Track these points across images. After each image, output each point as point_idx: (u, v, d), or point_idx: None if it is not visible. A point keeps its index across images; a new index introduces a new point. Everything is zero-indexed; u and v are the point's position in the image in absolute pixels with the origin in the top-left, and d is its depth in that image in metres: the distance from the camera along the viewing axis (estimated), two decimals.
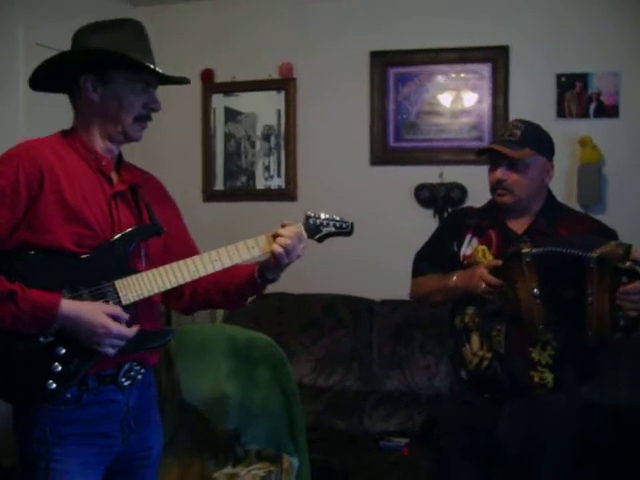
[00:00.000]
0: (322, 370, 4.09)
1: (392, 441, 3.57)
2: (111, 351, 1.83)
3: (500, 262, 2.24)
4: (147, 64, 1.90)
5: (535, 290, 2.16)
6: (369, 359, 4.09)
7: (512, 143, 2.35)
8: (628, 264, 2.04)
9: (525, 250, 2.16)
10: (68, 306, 1.77)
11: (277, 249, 1.94)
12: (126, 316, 1.85)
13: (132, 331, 1.85)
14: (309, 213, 2.05)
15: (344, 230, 2.08)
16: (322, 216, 2.05)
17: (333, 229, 2.06)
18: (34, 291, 1.76)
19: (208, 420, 3.02)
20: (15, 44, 3.69)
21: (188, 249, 2.09)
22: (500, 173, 2.36)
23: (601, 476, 3.10)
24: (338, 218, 2.07)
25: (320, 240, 2.06)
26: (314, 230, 2.04)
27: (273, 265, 1.99)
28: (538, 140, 2.39)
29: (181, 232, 2.16)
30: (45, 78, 1.97)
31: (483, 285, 2.25)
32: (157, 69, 1.92)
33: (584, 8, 4.04)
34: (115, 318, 1.82)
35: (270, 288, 4.16)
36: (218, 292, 2.09)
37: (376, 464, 3.38)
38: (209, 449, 3.00)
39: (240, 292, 2.09)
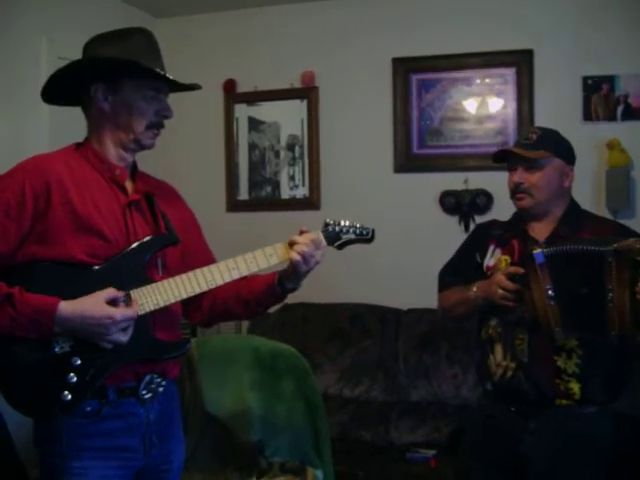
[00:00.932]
0: (348, 380, 4.06)
1: (419, 452, 3.53)
2: (122, 337, 1.80)
3: (514, 268, 2.22)
4: (157, 70, 1.89)
5: (550, 292, 2.12)
6: (395, 369, 4.05)
7: (527, 145, 2.36)
8: None
9: (536, 251, 2.13)
10: (67, 307, 1.75)
11: (294, 256, 1.91)
12: (121, 294, 1.81)
13: (134, 309, 1.81)
14: (328, 220, 2.02)
15: (365, 237, 2.04)
16: (342, 223, 2.02)
17: (353, 236, 2.02)
18: (33, 294, 1.75)
19: (231, 432, 3.00)
20: (38, 57, 3.71)
21: (206, 258, 2.06)
22: (517, 176, 2.36)
23: None
24: (358, 225, 2.03)
25: (340, 247, 2.02)
26: (334, 237, 2.00)
27: (292, 273, 1.96)
28: (554, 143, 2.38)
29: (199, 241, 2.14)
30: (57, 90, 1.97)
31: (500, 292, 2.22)
32: (167, 75, 1.91)
33: (608, 10, 3.98)
34: (113, 302, 1.80)
35: (295, 298, 4.16)
36: (237, 303, 2.06)
37: (402, 476, 3.35)
38: (232, 461, 2.98)
39: (260, 302, 2.05)
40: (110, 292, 1.80)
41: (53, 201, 1.81)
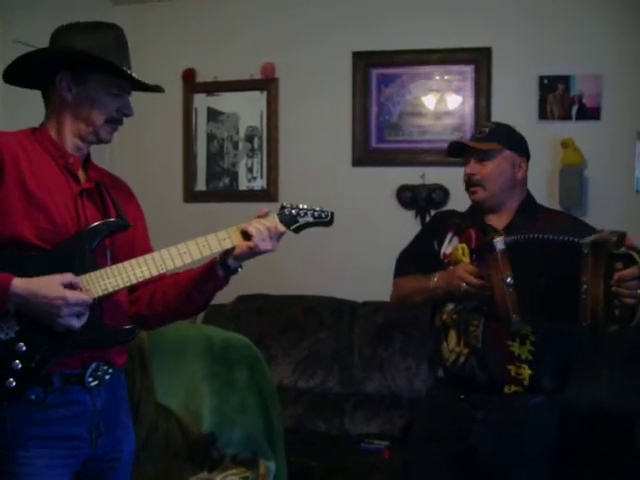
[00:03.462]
0: (303, 372, 4.07)
1: (373, 443, 3.57)
2: (75, 323, 1.77)
3: (476, 270, 2.23)
4: (127, 71, 1.89)
5: (509, 279, 2.14)
6: (350, 361, 4.07)
7: (480, 138, 2.42)
8: (622, 249, 2.01)
9: (497, 239, 2.16)
10: (21, 283, 1.72)
11: (251, 230, 1.88)
12: (80, 283, 1.79)
13: (90, 296, 1.79)
14: (285, 204, 1.99)
15: (323, 220, 2.01)
16: (300, 206, 1.99)
17: (311, 219, 1.99)
18: None
19: (183, 423, 2.98)
20: None
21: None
22: (469, 168, 2.41)
23: (576, 479, 3.09)
24: (317, 208, 2.01)
25: (297, 230, 1.99)
26: (290, 220, 1.97)
27: (241, 253, 1.92)
28: (506, 136, 2.43)
29: (145, 240, 2.10)
30: (20, 73, 1.94)
31: (464, 285, 2.25)
32: (135, 76, 1.91)
33: (567, 10, 4.05)
34: (71, 286, 1.77)
35: (250, 289, 4.20)
36: (176, 292, 2.01)
37: (356, 466, 3.37)
38: (184, 453, 2.96)
39: (200, 288, 1.99)
40: (67, 276, 1.77)
41: (6, 178, 1.79)
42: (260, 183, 4.56)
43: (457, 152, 2.49)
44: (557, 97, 4.06)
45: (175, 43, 4.59)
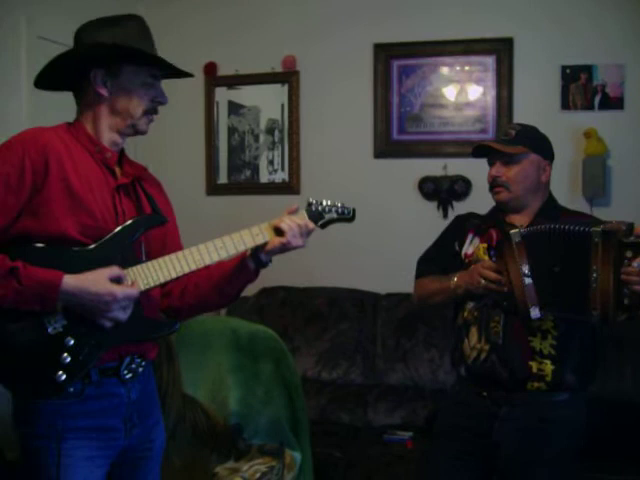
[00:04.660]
0: (326, 363, 4.09)
1: (396, 434, 3.57)
2: (122, 315, 1.81)
3: (495, 265, 2.25)
4: (160, 57, 1.92)
5: (526, 270, 2.17)
6: (373, 352, 4.08)
7: (506, 141, 2.42)
8: (632, 238, 2.04)
9: (513, 231, 2.19)
10: (71, 280, 1.76)
11: (284, 227, 1.94)
12: (125, 276, 1.83)
13: (137, 289, 1.84)
14: (311, 200, 2.05)
15: (346, 216, 2.07)
16: (324, 202, 2.05)
17: (335, 215, 2.05)
18: (36, 268, 1.75)
19: (210, 414, 3.01)
20: (17, 37, 3.66)
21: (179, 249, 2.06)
22: (495, 170, 2.43)
23: (601, 468, 3.09)
24: (340, 204, 2.07)
25: (323, 226, 2.05)
26: (316, 216, 2.03)
27: (273, 248, 1.97)
28: (532, 139, 2.44)
29: (175, 234, 2.14)
30: (50, 76, 1.97)
31: (483, 282, 2.26)
32: (169, 62, 1.94)
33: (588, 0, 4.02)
34: (117, 280, 1.81)
35: (274, 281, 4.21)
36: (208, 285, 2.06)
37: (380, 457, 3.38)
38: (211, 443, 2.99)
39: (231, 281, 2.04)
40: (114, 270, 1.81)
41: (51, 175, 1.81)
42: (281, 176, 4.58)
43: (482, 153, 2.49)
44: (580, 87, 4.03)
45: (196, 37, 4.60)
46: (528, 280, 2.17)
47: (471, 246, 2.48)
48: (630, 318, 2.12)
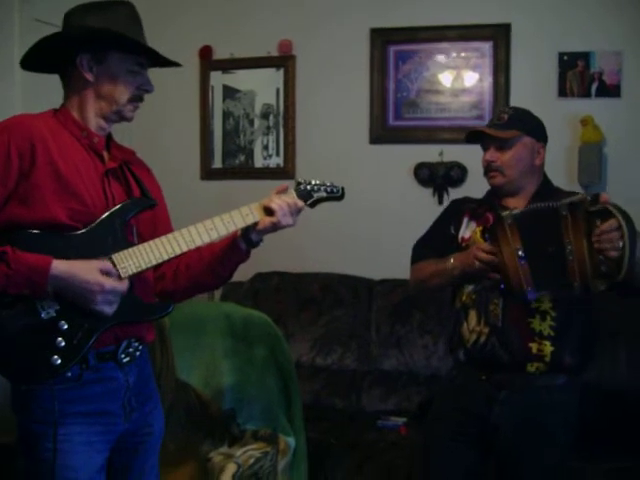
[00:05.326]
0: (320, 349, 4.09)
1: (390, 420, 3.59)
2: (108, 309, 1.81)
3: (488, 246, 2.26)
4: (146, 45, 1.91)
5: (520, 252, 2.18)
6: (367, 338, 4.08)
7: (499, 126, 2.43)
8: (599, 206, 2.09)
9: (505, 213, 2.21)
10: (60, 265, 1.76)
11: (274, 206, 1.94)
12: (115, 271, 1.83)
13: (124, 284, 1.84)
14: (299, 179, 2.07)
15: (335, 195, 2.09)
16: (313, 182, 2.07)
17: (324, 194, 2.07)
18: (25, 253, 1.75)
19: (203, 399, 3.02)
20: (11, 19, 3.64)
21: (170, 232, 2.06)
22: (489, 155, 2.44)
23: (601, 459, 3.10)
24: (328, 183, 2.09)
25: (312, 205, 2.06)
26: (305, 195, 2.04)
27: (264, 227, 1.97)
28: (525, 122, 2.44)
29: (165, 217, 2.14)
30: (36, 57, 1.95)
31: (477, 263, 2.27)
32: (156, 51, 1.93)
33: None
34: (107, 274, 1.81)
35: (268, 267, 4.20)
36: (200, 266, 2.06)
37: (373, 443, 3.39)
38: (205, 429, 3.00)
39: (223, 261, 2.04)
40: (106, 264, 1.81)
41: (37, 161, 1.80)
42: (276, 161, 4.56)
43: (476, 139, 2.50)
44: (577, 74, 4.02)
45: (191, 20, 4.57)
46: (522, 262, 2.19)
47: (467, 230, 2.48)
48: (611, 287, 2.15)
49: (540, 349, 2.32)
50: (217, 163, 4.68)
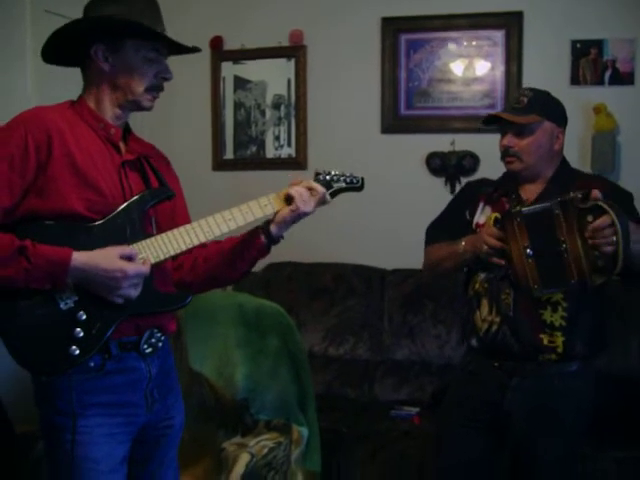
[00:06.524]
0: (333, 339, 4.09)
1: (403, 410, 3.59)
2: (134, 293, 1.81)
3: (496, 231, 2.26)
4: (162, 32, 1.90)
5: (528, 250, 2.18)
6: (380, 328, 4.08)
7: (518, 110, 2.36)
8: (590, 203, 2.09)
9: (515, 209, 2.20)
10: (80, 257, 1.76)
11: (293, 192, 1.94)
12: (136, 253, 1.83)
13: (147, 266, 1.83)
14: (319, 170, 2.06)
15: (355, 185, 2.07)
16: (332, 172, 2.05)
17: (344, 184, 2.05)
18: (45, 246, 1.75)
19: (217, 389, 3.02)
20: (22, 10, 3.64)
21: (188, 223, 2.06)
22: (507, 140, 2.38)
23: (612, 447, 3.10)
24: (348, 173, 2.07)
25: (332, 195, 2.04)
26: (325, 186, 2.02)
27: (283, 217, 1.97)
28: (545, 106, 2.38)
29: (183, 209, 2.14)
30: (56, 49, 1.95)
31: (485, 247, 2.26)
32: (172, 37, 1.91)
33: None
34: (128, 258, 1.81)
35: (280, 257, 4.21)
36: (220, 259, 2.05)
37: (387, 433, 3.40)
38: (218, 419, 3.00)
39: (243, 254, 2.03)
40: (125, 248, 1.81)
41: (54, 153, 1.80)
42: (287, 151, 4.56)
43: (493, 122, 2.45)
44: (590, 62, 3.99)
45: (202, 11, 4.56)
46: (530, 260, 2.19)
47: (482, 215, 2.46)
48: (607, 279, 2.16)
49: (551, 340, 2.31)
50: (229, 154, 4.67)
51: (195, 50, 2.01)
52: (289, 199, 1.96)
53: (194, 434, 2.91)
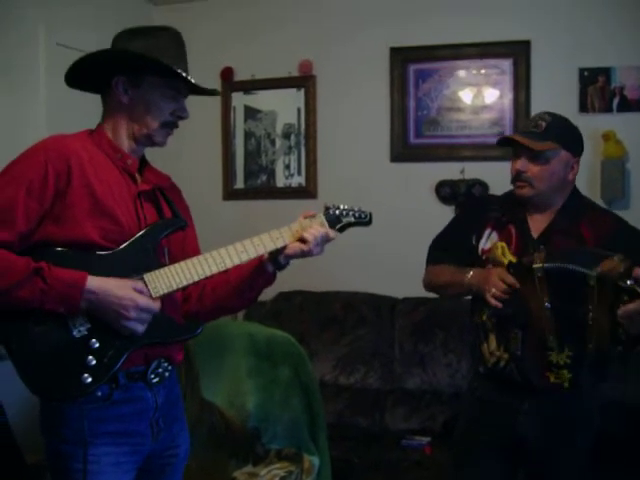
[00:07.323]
0: (343, 368, 4.08)
1: (414, 439, 3.56)
2: (140, 328, 1.82)
3: (512, 280, 2.22)
4: (179, 71, 1.92)
5: (547, 304, 2.17)
6: (391, 357, 4.07)
7: (535, 134, 2.28)
8: (629, 282, 2.00)
9: (537, 265, 2.15)
10: (94, 282, 1.77)
11: (309, 238, 1.95)
12: (147, 291, 1.84)
13: (157, 303, 1.85)
14: (328, 204, 2.06)
15: (363, 220, 2.08)
16: (341, 207, 2.06)
17: (353, 219, 2.06)
18: (61, 268, 1.77)
19: (228, 419, 3.02)
20: (36, 44, 3.70)
21: (197, 254, 2.06)
22: (520, 164, 2.30)
23: (621, 473, 3.07)
24: (357, 208, 2.08)
25: (341, 230, 2.06)
26: (334, 221, 2.04)
27: (292, 252, 1.98)
28: (563, 134, 2.31)
29: (194, 240, 2.16)
30: (80, 75, 1.98)
31: (493, 290, 2.23)
32: (189, 77, 1.94)
33: (605, 2, 3.99)
34: (140, 292, 1.82)
35: (290, 286, 4.22)
36: (227, 289, 2.06)
37: (398, 462, 3.37)
38: (229, 448, 2.99)
39: (250, 284, 2.04)
40: (139, 284, 1.83)
41: (73, 182, 1.83)
42: (297, 180, 4.58)
43: (508, 143, 2.38)
44: (598, 89, 4.01)
45: (212, 42, 4.61)
46: (548, 313, 2.17)
47: (489, 242, 2.40)
48: (628, 351, 2.13)
49: (558, 377, 2.29)
50: (239, 183, 4.70)
51: (214, 93, 2.04)
52: (303, 240, 1.97)
53: (205, 463, 2.90)
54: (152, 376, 1.93)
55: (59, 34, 3.71)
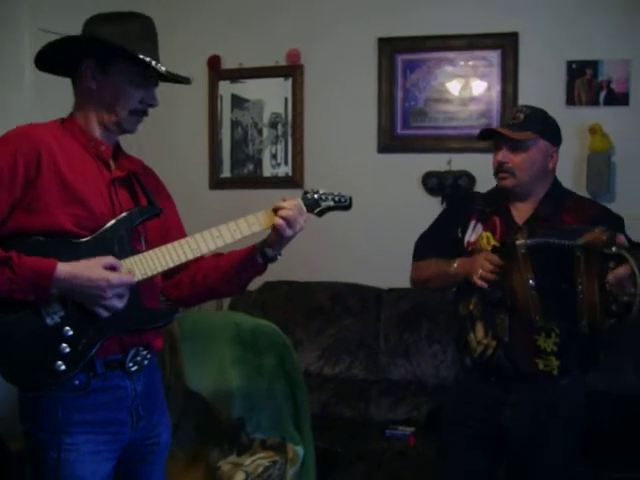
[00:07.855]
0: (328, 358, 4.08)
1: (398, 430, 3.57)
2: (119, 304, 1.81)
3: (496, 259, 2.24)
4: (147, 60, 1.90)
5: (531, 281, 2.17)
6: (376, 347, 4.08)
7: (514, 126, 2.36)
8: (614, 249, 2.04)
9: (519, 242, 2.17)
10: (65, 267, 1.76)
11: (278, 221, 1.94)
12: (120, 266, 1.84)
13: (131, 277, 1.84)
14: (307, 189, 2.07)
15: (343, 204, 2.09)
16: (320, 191, 2.07)
17: (332, 203, 2.07)
18: (30, 257, 1.75)
19: (212, 408, 3.01)
20: (20, 29, 3.67)
21: (181, 236, 2.06)
22: (501, 155, 2.37)
23: (607, 464, 3.09)
24: (336, 192, 2.09)
25: (320, 214, 2.07)
26: (313, 204, 2.04)
27: (274, 240, 1.99)
28: (541, 124, 2.38)
29: (177, 223, 2.15)
30: (50, 60, 1.97)
31: (480, 272, 2.25)
32: (157, 66, 1.92)
33: None
34: (112, 268, 1.81)
35: (276, 275, 4.21)
36: (217, 276, 2.07)
37: (382, 453, 3.38)
38: (213, 438, 2.99)
39: (240, 274, 2.06)
40: (108, 259, 1.82)
41: (43, 169, 1.82)
42: (284, 169, 4.57)
43: (489, 136, 2.46)
44: (585, 82, 4.02)
45: (200, 30, 4.59)
46: (533, 291, 2.18)
47: (474, 234, 2.45)
48: (619, 323, 2.12)
49: (547, 364, 2.32)
50: (226, 172, 4.69)
51: (184, 81, 2.01)
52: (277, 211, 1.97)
53: (189, 453, 2.90)
54: (131, 364, 1.93)
55: (43, 19, 3.68)
